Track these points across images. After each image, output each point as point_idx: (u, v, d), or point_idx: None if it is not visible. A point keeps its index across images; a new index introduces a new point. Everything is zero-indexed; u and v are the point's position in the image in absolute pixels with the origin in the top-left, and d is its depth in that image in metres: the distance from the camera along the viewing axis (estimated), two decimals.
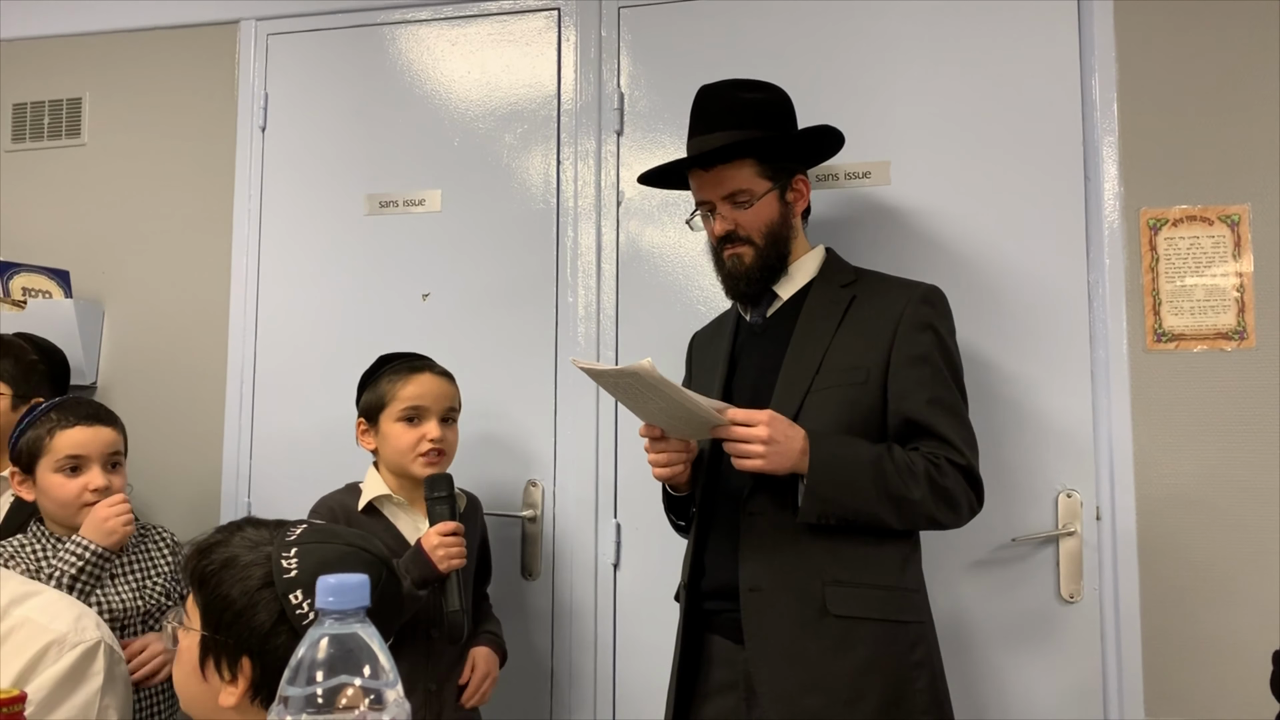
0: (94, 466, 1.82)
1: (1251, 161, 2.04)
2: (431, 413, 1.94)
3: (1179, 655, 1.98)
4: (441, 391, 1.97)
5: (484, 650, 1.96)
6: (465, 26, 2.53)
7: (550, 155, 2.44)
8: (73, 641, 1.31)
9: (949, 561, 2.07)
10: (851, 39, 2.26)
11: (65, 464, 1.81)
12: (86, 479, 1.81)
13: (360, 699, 0.76)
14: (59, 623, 1.32)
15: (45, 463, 1.81)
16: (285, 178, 2.60)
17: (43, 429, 1.82)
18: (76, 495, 1.80)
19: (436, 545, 1.78)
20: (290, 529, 1.07)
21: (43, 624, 1.32)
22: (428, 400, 1.94)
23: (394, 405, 1.94)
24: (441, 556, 1.78)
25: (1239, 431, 2.00)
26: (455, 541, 1.80)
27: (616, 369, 1.52)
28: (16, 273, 2.58)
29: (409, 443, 1.92)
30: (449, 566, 1.78)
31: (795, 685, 1.60)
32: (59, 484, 1.81)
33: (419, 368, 1.98)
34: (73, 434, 1.81)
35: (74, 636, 1.31)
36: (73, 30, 2.79)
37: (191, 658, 1.03)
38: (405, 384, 1.95)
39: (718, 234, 1.82)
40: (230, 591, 1.01)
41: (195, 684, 1.03)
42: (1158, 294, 2.06)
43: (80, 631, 1.32)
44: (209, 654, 1.01)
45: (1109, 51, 2.12)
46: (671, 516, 1.93)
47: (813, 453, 1.60)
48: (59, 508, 1.82)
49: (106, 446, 1.85)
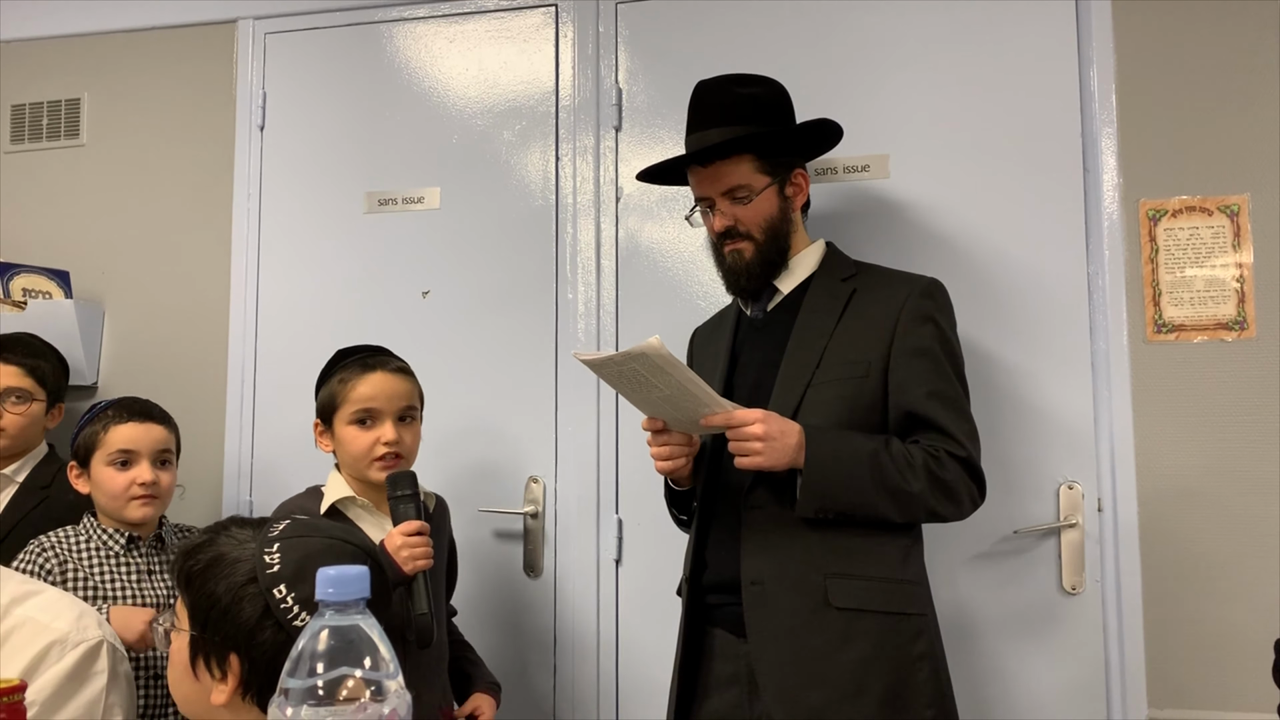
0: (143, 461, 1.91)
1: (1250, 151, 2.04)
2: (385, 414, 1.81)
3: (1181, 645, 1.98)
4: (396, 390, 1.83)
5: (483, 698, 1.91)
6: (463, 24, 2.53)
7: (549, 152, 2.44)
8: (75, 640, 1.31)
9: (951, 554, 2.07)
10: (850, 32, 2.26)
11: (116, 458, 1.90)
12: (135, 473, 1.90)
13: (361, 690, 0.76)
14: (60, 622, 1.33)
15: (98, 456, 1.90)
16: (284, 176, 2.60)
17: (99, 425, 1.92)
18: (125, 488, 1.89)
19: (400, 546, 1.66)
20: (273, 525, 1.07)
21: (44, 623, 1.32)
22: (380, 401, 1.81)
23: (345, 407, 1.81)
24: (406, 557, 1.65)
25: (1240, 422, 2.00)
26: (420, 541, 1.68)
27: (623, 353, 1.50)
28: (16, 273, 2.58)
29: (363, 447, 1.80)
30: (414, 568, 1.66)
31: (798, 678, 1.60)
32: (110, 477, 1.89)
33: (371, 365, 1.84)
34: (124, 430, 1.91)
35: (76, 635, 1.32)
36: (71, 31, 2.79)
37: (183, 658, 1.03)
38: (356, 384, 1.82)
39: (717, 230, 1.82)
40: (216, 589, 1.01)
41: (188, 684, 1.03)
42: (1158, 285, 2.06)
43: (82, 630, 1.33)
44: (199, 653, 1.01)
45: (1107, 42, 2.12)
46: (673, 511, 1.93)
47: (809, 447, 1.60)
48: (109, 500, 1.90)
49: (156, 443, 1.94)
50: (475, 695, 1.91)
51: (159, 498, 1.92)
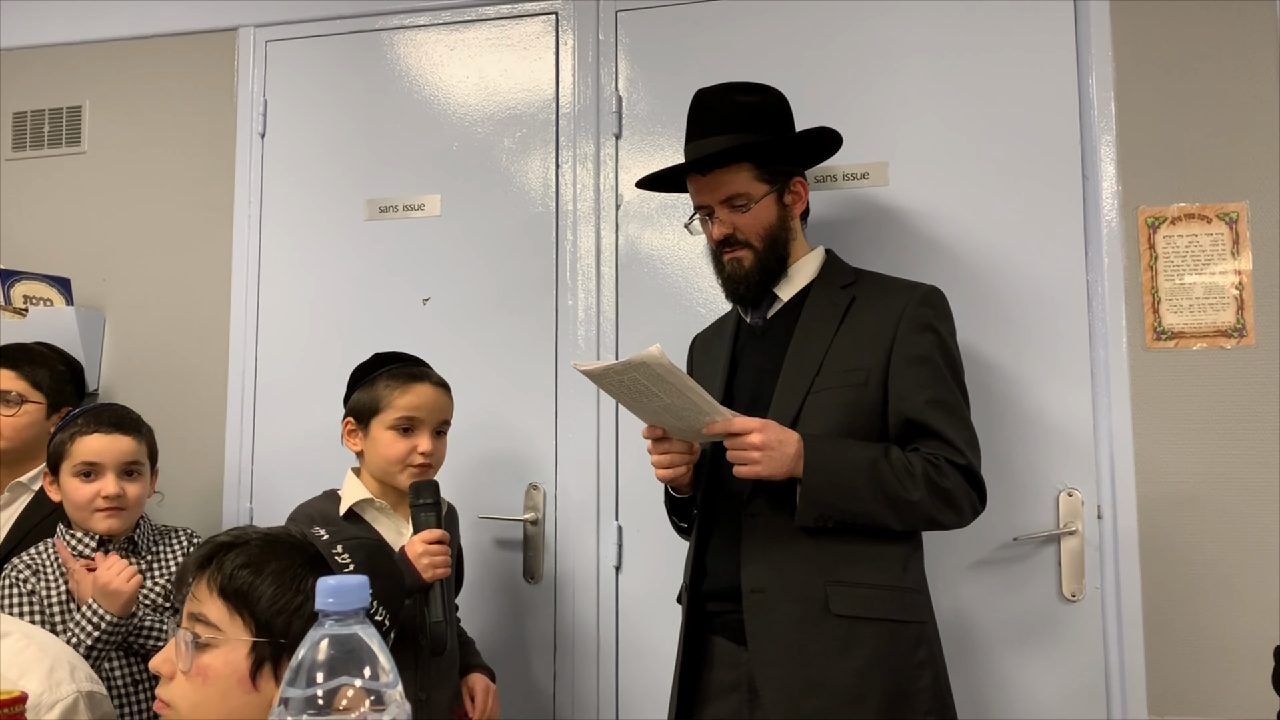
0: (108, 474, 1.88)
1: (1249, 159, 2.04)
2: (426, 425, 1.87)
3: (1181, 653, 1.98)
4: (437, 404, 1.90)
5: (478, 677, 1.93)
6: (463, 31, 2.54)
7: (549, 159, 2.45)
8: (49, 702, 1.22)
9: (951, 561, 2.07)
10: (849, 40, 2.27)
11: (81, 469, 1.87)
12: (99, 485, 1.87)
13: (361, 700, 0.76)
14: (31, 681, 1.23)
15: (65, 466, 1.89)
16: (285, 183, 2.61)
17: (66, 434, 1.90)
18: (89, 499, 1.86)
19: (421, 554, 1.71)
20: (317, 532, 1.09)
21: (12, 680, 1.22)
22: (424, 412, 1.87)
23: (388, 412, 1.86)
24: (426, 565, 1.70)
25: (1239, 428, 2.00)
26: (441, 550, 1.73)
27: (624, 362, 1.50)
28: (17, 280, 2.58)
29: (399, 453, 1.85)
30: (434, 576, 1.71)
31: (798, 686, 1.60)
32: (75, 488, 1.87)
33: (418, 376, 1.90)
34: (89, 441, 1.88)
35: (50, 696, 1.22)
36: (73, 39, 2.80)
37: (234, 670, 1.00)
38: (403, 393, 1.87)
39: (716, 238, 1.82)
40: (283, 592, 1.01)
41: (239, 698, 1.00)
42: (1157, 292, 2.06)
43: (55, 688, 1.23)
44: (264, 661, 1.00)
45: (1105, 50, 2.13)
46: (674, 518, 1.93)
47: (807, 457, 1.60)
48: (74, 510, 1.89)
49: (122, 455, 1.90)
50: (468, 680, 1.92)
51: (126, 509, 1.89)
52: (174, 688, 1.04)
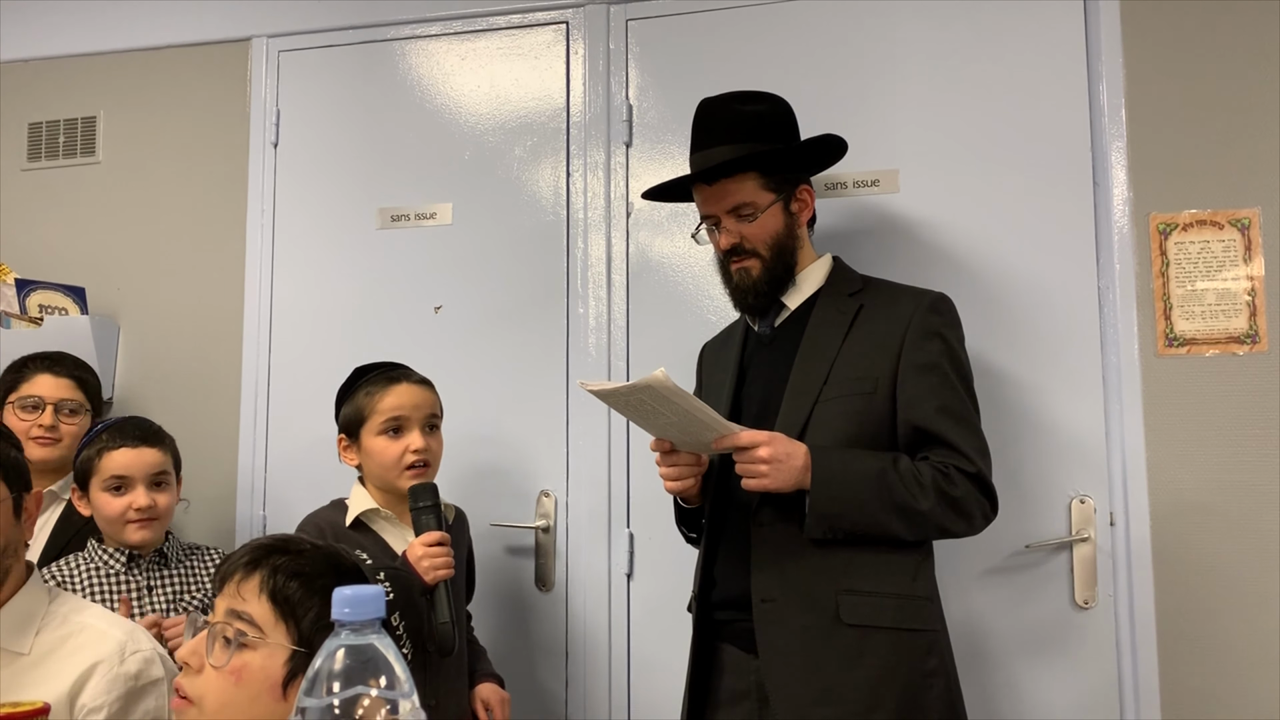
0: (138, 486, 1.92)
1: (1261, 165, 2.04)
2: (413, 422, 1.89)
3: (1195, 660, 1.97)
4: (421, 400, 1.91)
5: (491, 687, 1.95)
6: (474, 41, 2.55)
7: (560, 167, 2.46)
8: (131, 649, 1.36)
9: (962, 569, 2.07)
10: (859, 48, 2.27)
11: (111, 483, 1.91)
12: (131, 498, 1.91)
13: (377, 709, 0.76)
14: (118, 630, 1.38)
15: (95, 482, 1.92)
16: (297, 193, 2.62)
17: (94, 449, 1.93)
18: (121, 513, 1.90)
19: (421, 556, 1.72)
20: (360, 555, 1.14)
21: (102, 629, 1.37)
22: (408, 410, 1.89)
23: (374, 419, 1.88)
24: (427, 567, 1.71)
25: (1252, 435, 1.99)
26: (441, 552, 1.73)
27: (629, 385, 1.51)
28: (33, 290, 2.60)
29: (393, 456, 1.87)
30: (435, 577, 1.72)
31: (808, 695, 1.60)
32: (106, 502, 1.91)
33: (396, 378, 1.92)
34: (118, 455, 1.91)
35: (132, 645, 1.37)
36: (87, 50, 2.82)
37: (268, 675, 1.01)
38: (384, 396, 1.89)
39: (723, 248, 1.82)
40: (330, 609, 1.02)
41: (267, 704, 1.00)
42: (1168, 299, 2.06)
43: (136, 641, 1.38)
44: (298, 674, 0.99)
45: (1116, 57, 2.12)
46: (683, 529, 1.93)
47: (814, 469, 1.60)
48: (106, 524, 1.93)
49: (151, 467, 1.94)
50: (477, 690, 1.94)
51: (157, 519, 1.94)
52: (201, 682, 1.04)
